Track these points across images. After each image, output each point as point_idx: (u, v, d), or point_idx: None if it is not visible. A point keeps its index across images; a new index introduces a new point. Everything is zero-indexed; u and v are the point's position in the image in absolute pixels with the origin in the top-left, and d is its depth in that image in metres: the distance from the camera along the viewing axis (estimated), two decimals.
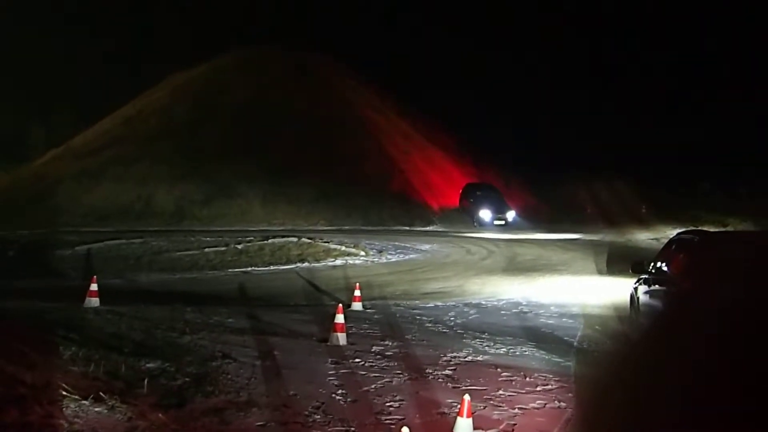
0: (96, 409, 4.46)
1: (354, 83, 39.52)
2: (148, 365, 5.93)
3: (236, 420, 4.90)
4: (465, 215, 31.64)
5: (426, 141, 38.59)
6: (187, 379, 5.71)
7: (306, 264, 18.22)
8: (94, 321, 8.07)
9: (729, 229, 22.59)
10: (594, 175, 31.16)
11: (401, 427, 4.74)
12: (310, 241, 22.64)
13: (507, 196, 32.10)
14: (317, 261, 18.94)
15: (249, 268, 16.95)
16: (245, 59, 38.30)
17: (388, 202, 31.45)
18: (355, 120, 35.64)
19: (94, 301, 9.36)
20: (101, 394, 4.63)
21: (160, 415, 4.70)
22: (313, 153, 31.96)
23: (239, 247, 19.80)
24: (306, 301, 11.39)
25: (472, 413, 4.18)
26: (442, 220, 31.34)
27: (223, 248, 19.40)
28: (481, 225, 29.89)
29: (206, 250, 19.02)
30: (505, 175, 35.63)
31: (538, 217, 31.20)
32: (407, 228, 29.64)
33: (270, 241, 21.68)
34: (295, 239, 22.58)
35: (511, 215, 30.56)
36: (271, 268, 17.33)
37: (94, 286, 9.51)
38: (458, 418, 3.93)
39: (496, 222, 29.85)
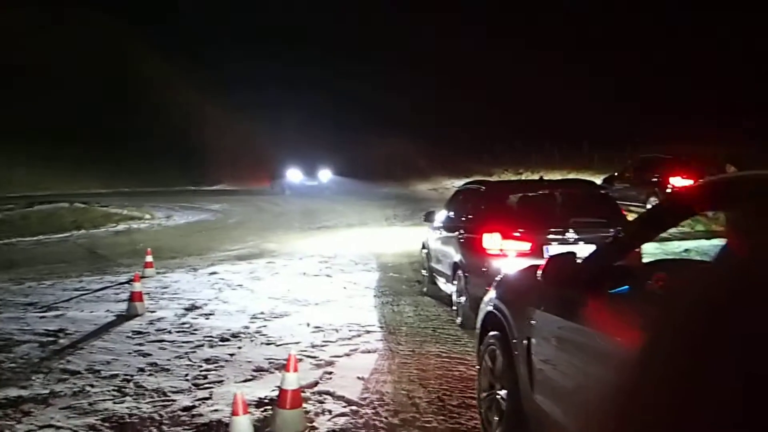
0: None
1: (133, 39, 36.21)
2: None
3: (35, 410, 4.41)
4: (275, 180, 29.46)
5: (219, 101, 36.93)
6: None
7: (83, 231, 16.63)
8: None
9: (498, 178, 25.30)
10: (394, 134, 32.42)
11: (222, 391, 4.69)
12: (84, 205, 20.69)
13: (322, 156, 30.27)
14: (96, 227, 17.41)
15: (14, 240, 14.96)
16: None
17: (173, 161, 29.74)
18: (133, 78, 32.79)
19: None
20: None
21: None
22: (84, 113, 28.88)
23: None
24: (92, 272, 10.44)
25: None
26: (233, 178, 30.45)
27: None
28: (291, 188, 26.70)
29: None
30: (320, 136, 34.89)
31: (356, 175, 30.55)
32: (193, 188, 28.42)
33: (36, 207, 19.39)
34: (66, 204, 20.46)
35: (325, 175, 28.26)
36: (41, 237, 15.50)
37: None
38: (285, 373, 3.99)
39: (308, 183, 27.10)
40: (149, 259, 10.20)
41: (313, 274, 10.11)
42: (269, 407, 4.31)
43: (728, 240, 2.53)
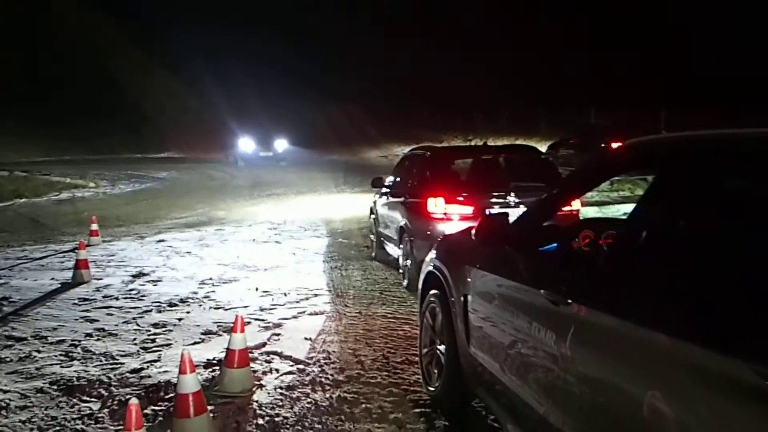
0: None
1: (81, 7, 34.56)
2: None
3: None
4: (227, 150, 27.73)
5: (171, 70, 35.69)
6: None
7: (25, 200, 16.13)
8: None
9: (447, 144, 25.56)
10: (347, 103, 31.96)
11: (170, 353, 4.76)
12: (25, 174, 20.01)
13: (278, 126, 28.57)
14: (38, 196, 16.92)
15: None
16: None
17: (120, 129, 28.78)
18: (81, 43, 31.39)
19: None
20: None
21: None
22: (22, 79, 27.60)
23: None
24: (35, 241, 10.20)
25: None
26: (183, 146, 29.67)
27: None
28: (243, 159, 24.86)
29: None
30: (278, 105, 33.62)
31: (311, 144, 29.53)
32: (139, 156, 27.69)
33: None
34: (5, 173, 19.76)
35: (281, 145, 26.38)
36: None
37: None
38: (233, 334, 4.07)
39: (262, 154, 25.29)
40: (94, 227, 10.03)
41: (262, 241, 10.14)
42: (217, 367, 4.40)
43: (640, 201, 2.74)
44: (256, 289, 6.90)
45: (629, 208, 11.88)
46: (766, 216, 1.89)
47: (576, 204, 6.40)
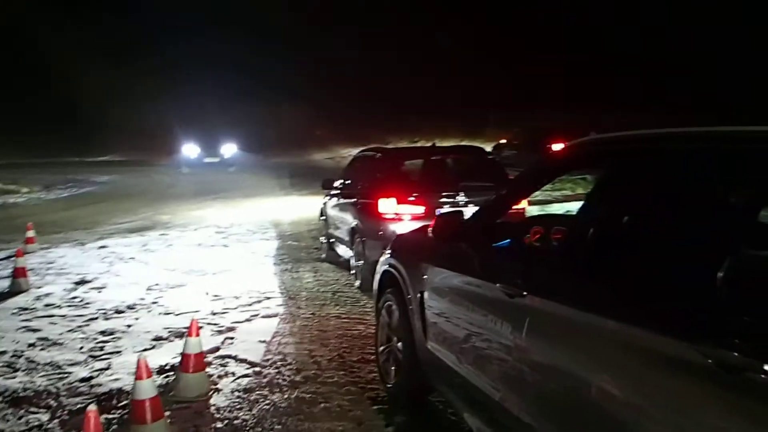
0: None
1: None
2: None
3: None
4: (172, 156, 26.28)
5: (113, 73, 34.35)
6: None
7: None
8: None
9: (394, 145, 25.71)
10: (295, 106, 31.31)
11: (121, 360, 4.66)
12: None
13: (227, 130, 26.77)
14: None
15: None
16: None
17: (58, 132, 27.59)
18: (20, 44, 29.97)
19: None
20: None
21: None
22: None
23: None
24: None
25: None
26: (126, 149, 28.66)
27: None
28: (188, 165, 23.58)
29: None
30: (228, 108, 32.06)
31: (260, 148, 28.23)
32: (78, 159, 26.74)
33: None
34: None
35: (230, 149, 25.06)
36: None
37: None
38: (188, 338, 4.02)
39: (208, 159, 24.13)
40: (30, 234, 9.65)
41: (209, 245, 9.98)
42: (171, 373, 4.34)
43: (587, 198, 2.87)
44: (206, 294, 6.80)
45: (571, 205, 12.31)
46: (706, 209, 2.03)
47: (523, 203, 6.59)
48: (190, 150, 24.33)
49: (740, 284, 1.70)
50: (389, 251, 4.15)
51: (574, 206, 12.23)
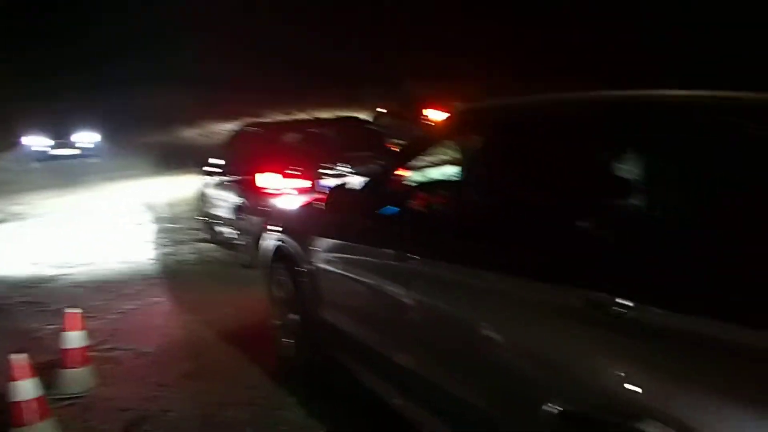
0: None
1: None
2: None
3: None
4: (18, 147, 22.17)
5: None
6: None
7: None
8: None
9: (270, 120, 25.18)
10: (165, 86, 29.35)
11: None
12: None
13: (86, 117, 22.99)
14: None
15: None
16: None
17: None
18: None
19: None
20: None
21: None
22: None
23: None
24: None
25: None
26: None
27: None
28: (37, 159, 20.51)
29: None
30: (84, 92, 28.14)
31: (127, 131, 25.64)
32: None
33: None
34: None
35: (91, 139, 22.26)
36: None
37: None
38: (66, 333, 3.80)
39: (61, 152, 21.15)
40: None
41: (77, 235, 9.35)
42: (52, 371, 4.09)
43: (466, 163, 3.03)
44: (82, 287, 6.42)
45: (448, 169, 12.77)
46: (577, 167, 2.23)
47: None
48: (34, 141, 21.05)
49: (603, 233, 1.91)
50: (277, 226, 4.14)
51: (453, 170, 12.73)
